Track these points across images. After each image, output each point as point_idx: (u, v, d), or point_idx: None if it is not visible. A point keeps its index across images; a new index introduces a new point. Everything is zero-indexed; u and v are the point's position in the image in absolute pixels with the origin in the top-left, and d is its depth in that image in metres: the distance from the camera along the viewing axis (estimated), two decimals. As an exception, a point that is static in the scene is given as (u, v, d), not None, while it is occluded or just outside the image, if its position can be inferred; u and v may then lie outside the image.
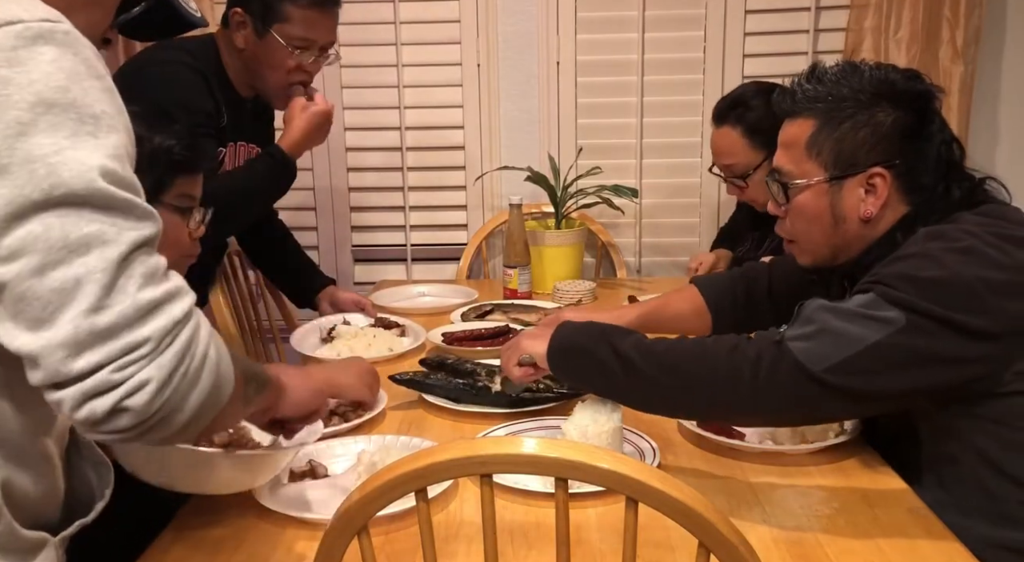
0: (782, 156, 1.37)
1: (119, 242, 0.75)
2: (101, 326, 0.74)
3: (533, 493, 1.25)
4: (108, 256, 0.75)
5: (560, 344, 1.34)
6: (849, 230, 1.33)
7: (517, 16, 2.75)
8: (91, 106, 0.77)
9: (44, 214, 0.73)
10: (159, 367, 0.76)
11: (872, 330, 1.14)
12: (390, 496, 0.88)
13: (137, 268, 0.76)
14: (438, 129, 2.83)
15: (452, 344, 1.91)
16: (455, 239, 2.90)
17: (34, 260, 0.73)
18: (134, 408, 0.76)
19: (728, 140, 2.10)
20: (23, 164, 0.73)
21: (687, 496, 0.83)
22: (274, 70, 2.00)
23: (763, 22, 2.70)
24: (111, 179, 0.76)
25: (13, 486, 0.86)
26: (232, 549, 1.16)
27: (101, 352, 0.74)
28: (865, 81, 1.30)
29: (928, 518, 1.20)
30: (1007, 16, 2.67)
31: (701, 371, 1.21)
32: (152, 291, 0.77)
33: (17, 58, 0.74)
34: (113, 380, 0.75)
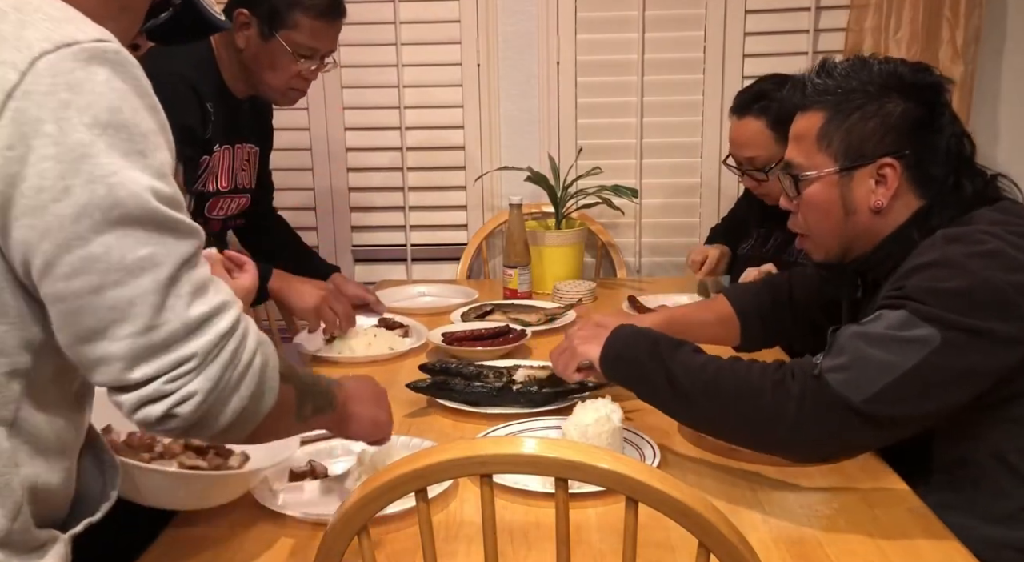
0: (793, 149, 1.38)
1: (168, 263, 0.81)
2: (155, 342, 0.81)
3: (533, 493, 1.26)
4: (159, 277, 0.80)
5: (613, 352, 1.37)
6: (860, 222, 1.32)
7: (517, 16, 2.75)
8: (139, 125, 0.81)
9: (104, 235, 0.78)
10: (206, 379, 0.83)
11: (907, 354, 1.14)
12: (390, 496, 0.88)
13: (184, 286, 0.82)
14: (438, 129, 2.83)
15: (452, 344, 1.91)
16: (455, 239, 2.90)
17: (93, 280, 0.78)
18: (182, 415, 0.83)
19: (751, 131, 2.06)
20: (86, 185, 0.77)
21: (687, 496, 0.83)
22: (275, 73, 1.99)
23: (763, 22, 2.70)
24: (160, 198, 0.81)
25: (38, 484, 0.88)
26: (232, 549, 1.16)
27: (154, 365, 0.81)
28: (874, 74, 1.31)
29: (928, 518, 1.20)
30: (1007, 16, 2.67)
31: (747, 406, 1.22)
32: (200, 307, 0.83)
33: (76, 81, 0.77)
34: (165, 390, 0.82)
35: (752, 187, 2.16)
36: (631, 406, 1.57)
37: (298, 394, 0.99)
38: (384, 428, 1.26)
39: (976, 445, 1.24)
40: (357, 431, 1.21)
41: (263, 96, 2.10)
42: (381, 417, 1.25)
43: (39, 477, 0.88)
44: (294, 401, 0.98)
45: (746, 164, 2.11)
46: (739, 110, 2.10)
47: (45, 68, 0.77)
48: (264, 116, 2.26)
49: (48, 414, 0.88)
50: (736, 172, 2.17)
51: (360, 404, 1.19)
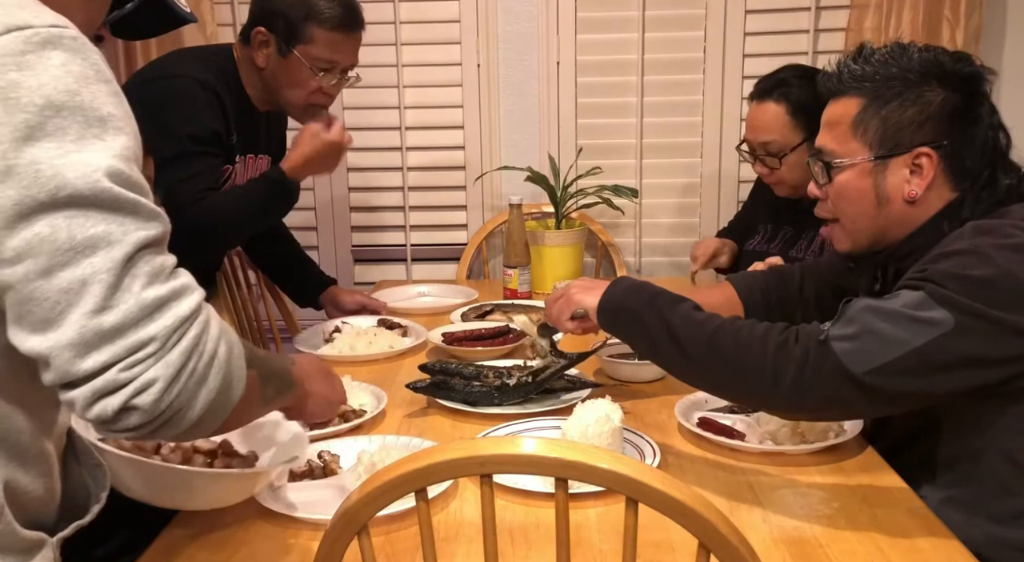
0: (825, 135, 1.35)
1: (124, 242, 0.76)
2: (106, 326, 0.75)
3: (533, 493, 1.25)
4: (114, 256, 0.76)
5: (611, 302, 1.37)
6: (892, 212, 1.30)
7: (517, 16, 2.75)
8: (98, 109, 0.78)
9: (50, 216, 0.74)
10: (166, 366, 0.78)
11: (917, 333, 1.13)
12: (390, 496, 0.88)
13: (143, 267, 0.78)
14: (438, 129, 2.83)
15: (452, 344, 1.91)
16: (455, 239, 2.90)
17: (40, 262, 0.74)
18: (142, 407, 0.77)
19: (770, 115, 2.05)
20: (29, 166, 0.74)
21: (687, 496, 0.83)
22: (294, 89, 2.00)
23: (763, 22, 2.70)
24: (117, 179, 0.77)
25: (15, 486, 0.86)
26: (232, 549, 1.16)
27: (108, 352, 0.76)
28: (914, 61, 1.28)
29: (928, 518, 1.20)
30: (1007, 16, 2.67)
31: (747, 364, 1.21)
32: (157, 289, 0.78)
33: (26, 62, 0.75)
34: (120, 379, 0.76)
35: (764, 175, 2.13)
36: (631, 406, 1.57)
37: (261, 378, 0.95)
38: (334, 407, 1.25)
39: (983, 442, 1.24)
40: (313, 410, 1.19)
41: (285, 112, 2.11)
42: (332, 396, 1.24)
43: (16, 479, 0.86)
44: (258, 386, 0.94)
45: (760, 150, 2.08)
46: (759, 95, 2.08)
47: None
48: (280, 129, 2.27)
49: (21, 415, 0.85)
50: (749, 159, 2.15)
51: (313, 382, 1.18)
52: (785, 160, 2.05)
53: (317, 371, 1.23)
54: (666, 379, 1.72)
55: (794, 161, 2.04)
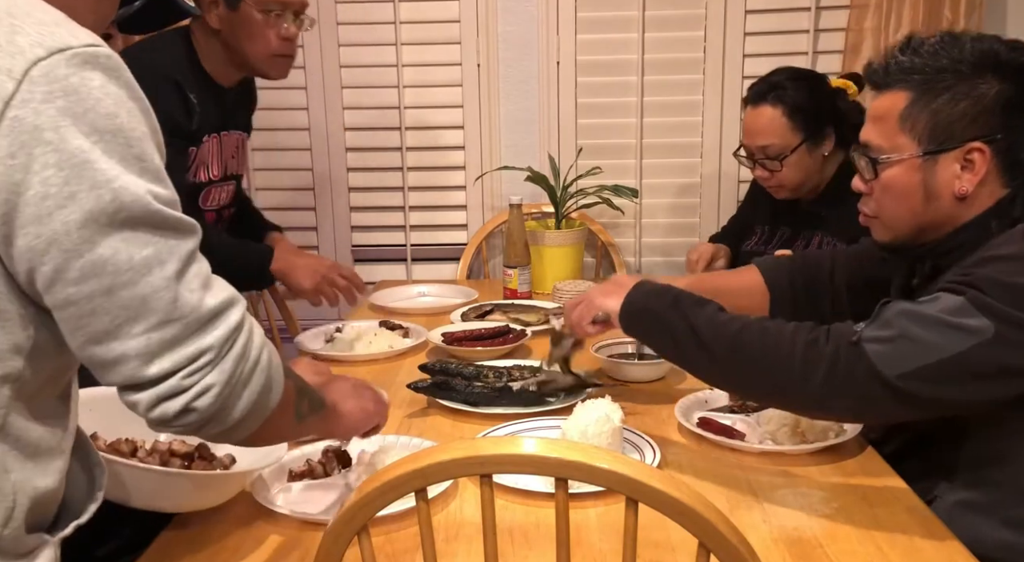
0: (871, 130, 1.31)
1: (174, 259, 0.83)
2: (171, 336, 0.82)
3: (533, 493, 1.25)
4: (167, 274, 0.82)
5: (634, 305, 1.35)
6: (941, 208, 1.26)
7: (517, 16, 2.75)
8: (135, 130, 0.82)
9: (110, 238, 0.79)
10: (221, 372, 0.85)
11: (955, 340, 1.11)
12: (390, 496, 0.88)
13: (193, 280, 0.84)
14: (438, 129, 2.83)
15: (452, 344, 1.91)
16: (455, 239, 2.90)
17: (104, 281, 0.79)
18: (200, 409, 0.84)
19: (767, 118, 2.05)
20: (90, 191, 0.78)
21: (687, 496, 0.83)
22: (255, 41, 1.99)
23: (763, 22, 2.70)
24: (161, 199, 0.82)
25: (29, 488, 0.87)
26: (232, 549, 1.16)
27: (171, 360, 0.82)
28: (966, 52, 1.23)
29: (928, 518, 1.20)
30: (1007, 16, 2.67)
31: (775, 362, 1.20)
32: (212, 299, 0.85)
33: (71, 87, 0.78)
34: (184, 385, 0.83)
35: (763, 178, 2.12)
36: (631, 406, 1.57)
37: (297, 390, 1.00)
38: (374, 415, 1.24)
39: (1009, 447, 1.22)
40: (348, 426, 1.20)
41: (254, 73, 2.10)
42: (368, 406, 1.24)
43: (30, 481, 0.87)
44: (293, 397, 0.98)
45: (759, 154, 2.08)
46: (755, 99, 2.08)
47: (40, 75, 0.77)
48: (246, 104, 2.27)
49: (38, 418, 0.87)
50: (747, 164, 2.15)
51: (345, 401, 1.19)
52: (786, 162, 2.05)
53: (347, 389, 1.24)
54: (666, 379, 1.72)
55: (794, 162, 2.04)
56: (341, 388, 1.22)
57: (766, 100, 2.05)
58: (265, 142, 2.85)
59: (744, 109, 2.14)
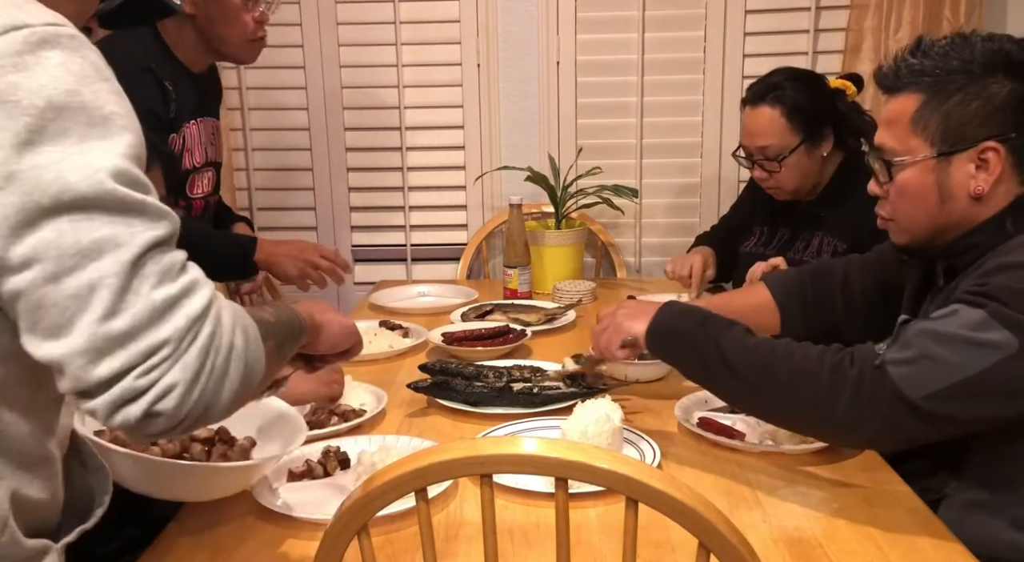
0: (884, 133, 1.31)
1: (132, 244, 0.74)
2: (116, 331, 0.73)
3: (533, 493, 1.25)
4: (122, 259, 0.74)
5: (661, 327, 1.35)
6: (956, 208, 1.26)
7: (517, 16, 2.75)
8: (100, 108, 0.76)
9: (56, 220, 0.72)
10: (184, 368, 0.75)
11: (977, 358, 1.10)
12: (390, 496, 0.88)
13: (152, 268, 0.75)
14: (438, 129, 2.83)
15: (452, 344, 1.91)
16: (455, 239, 2.90)
17: (48, 267, 0.73)
18: (165, 412, 0.75)
19: (766, 119, 2.04)
20: (31, 171, 0.72)
21: (687, 496, 0.83)
22: (231, 26, 1.98)
23: (763, 22, 2.70)
24: (122, 179, 0.75)
25: (21, 495, 0.85)
26: (232, 549, 1.16)
27: (121, 358, 0.74)
28: (976, 52, 1.23)
29: (928, 518, 1.20)
30: (1007, 16, 2.67)
31: (801, 387, 1.20)
32: (167, 289, 0.76)
33: (24, 63, 0.73)
34: (139, 386, 0.74)
35: (762, 179, 2.12)
36: (631, 406, 1.57)
37: (278, 345, 0.93)
38: (354, 333, 1.18)
39: (1019, 447, 1.21)
40: (328, 338, 1.13)
41: (227, 59, 2.10)
42: (347, 321, 1.17)
43: (22, 488, 0.85)
44: (276, 353, 0.92)
45: (758, 154, 2.08)
46: (753, 99, 2.08)
47: None
48: (217, 90, 2.27)
49: (24, 422, 0.84)
50: (746, 164, 2.14)
51: (324, 312, 1.13)
52: (784, 163, 2.04)
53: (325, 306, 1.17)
54: (666, 379, 1.72)
55: (793, 163, 2.04)
56: (316, 304, 1.15)
57: (765, 101, 2.05)
58: (265, 142, 2.86)
59: (743, 110, 2.14)
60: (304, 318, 1.05)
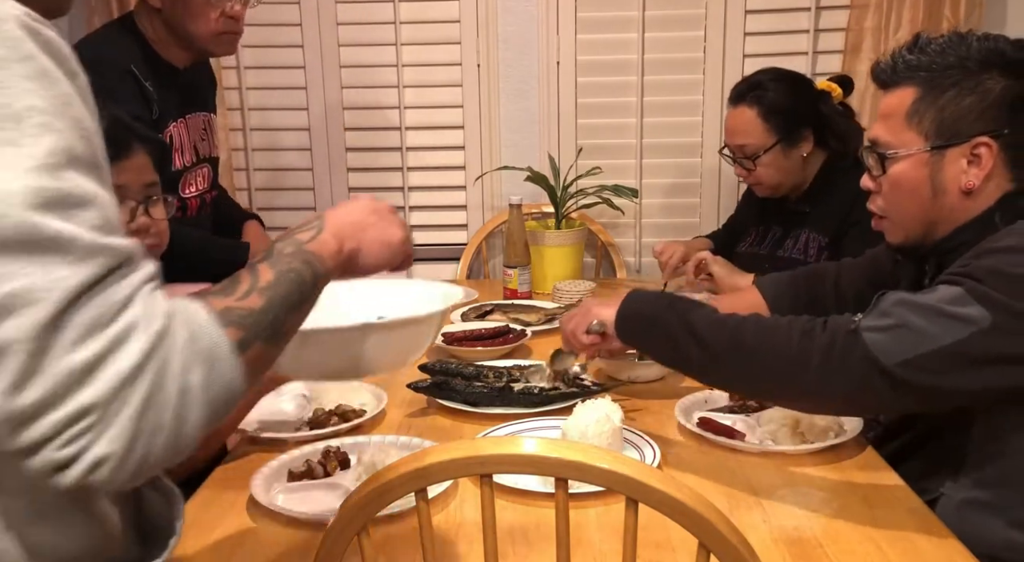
0: (879, 127, 1.33)
1: (50, 299, 0.59)
2: (26, 403, 0.60)
3: (533, 493, 1.25)
4: (36, 318, 0.59)
5: (629, 311, 1.36)
6: (947, 203, 1.27)
7: (517, 16, 2.75)
8: (9, 104, 0.60)
9: None
10: (112, 441, 0.62)
11: (951, 329, 1.12)
12: (390, 496, 0.88)
13: (77, 319, 0.61)
14: (438, 129, 2.83)
15: (452, 344, 1.91)
16: (455, 239, 2.90)
17: None
18: (106, 480, 0.63)
19: (743, 119, 2.10)
20: None
21: (687, 496, 0.83)
22: (196, 21, 1.95)
23: (763, 22, 2.70)
24: (43, 202, 0.60)
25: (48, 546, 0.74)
26: (232, 549, 1.16)
27: (37, 430, 0.61)
28: (973, 50, 1.25)
29: (928, 518, 1.20)
30: (1007, 16, 2.67)
31: (770, 352, 1.21)
32: (91, 346, 0.61)
33: None
34: (61, 458, 0.61)
35: (742, 176, 2.18)
36: (631, 406, 1.57)
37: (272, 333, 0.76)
38: (398, 245, 1.00)
39: (1013, 444, 1.22)
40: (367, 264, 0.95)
41: (199, 53, 2.06)
42: (386, 235, 0.98)
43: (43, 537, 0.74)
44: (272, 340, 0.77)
45: (737, 152, 2.14)
46: (735, 99, 2.14)
47: None
48: (209, 81, 2.25)
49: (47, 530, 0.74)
50: (729, 161, 2.20)
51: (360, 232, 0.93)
52: (759, 161, 2.10)
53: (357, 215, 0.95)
54: (666, 379, 1.72)
55: (768, 162, 2.09)
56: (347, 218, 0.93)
57: (745, 100, 2.10)
58: (265, 142, 2.85)
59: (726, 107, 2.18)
60: (323, 257, 0.86)
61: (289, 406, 1.60)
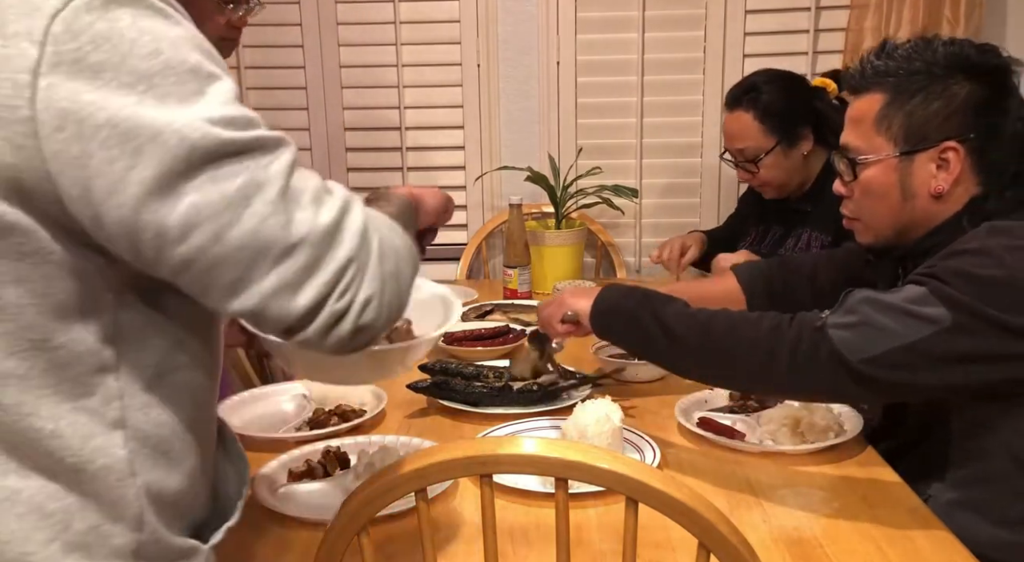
0: (850, 133, 1.34)
1: (271, 179, 0.74)
2: (301, 264, 0.74)
3: (533, 493, 1.25)
4: (269, 197, 0.73)
5: (604, 305, 1.39)
6: (918, 207, 1.29)
7: (517, 16, 2.75)
8: (184, 61, 0.73)
9: (194, 180, 0.71)
10: (371, 280, 0.78)
11: (913, 328, 1.14)
12: (390, 496, 0.88)
13: (301, 195, 0.75)
14: (438, 129, 2.83)
15: (452, 344, 1.91)
16: (455, 239, 2.90)
17: (208, 229, 0.72)
18: (373, 324, 0.79)
19: (741, 123, 2.10)
20: (154, 140, 0.70)
21: (687, 496, 0.83)
22: (203, 25, 1.93)
23: (763, 22, 2.70)
24: (233, 125, 0.74)
25: (160, 492, 0.82)
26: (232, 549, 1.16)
27: (315, 286, 0.75)
28: (939, 55, 1.26)
29: (928, 518, 1.20)
30: (1007, 16, 2.67)
31: (740, 347, 1.24)
32: (328, 212, 0.76)
33: (100, 35, 0.69)
34: (340, 308, 0.77)
35: (746, 179, 2.18)
36: (631, 406, 1.57)
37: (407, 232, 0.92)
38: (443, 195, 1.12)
39: (992, 443, 1.23)
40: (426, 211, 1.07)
41: None
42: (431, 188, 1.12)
43: (160, 483, 0.81)
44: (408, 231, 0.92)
45: (737, 156, 2.14)
46: (730, 103, 2.15)
47: (62, 31, 0.68)
48: None
49: (159, 407, 0.81)
50: (731, 165, 2.21)
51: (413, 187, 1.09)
52: (761, 164, 2.10)
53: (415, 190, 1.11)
54: (666, 379, 1.72)
55: (770, 163, 2.09)
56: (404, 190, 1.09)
57: (740, 104, 2.11)
58: (265, 142, 2.85)
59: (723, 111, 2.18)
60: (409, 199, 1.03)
61: (289, 406, 1.60)
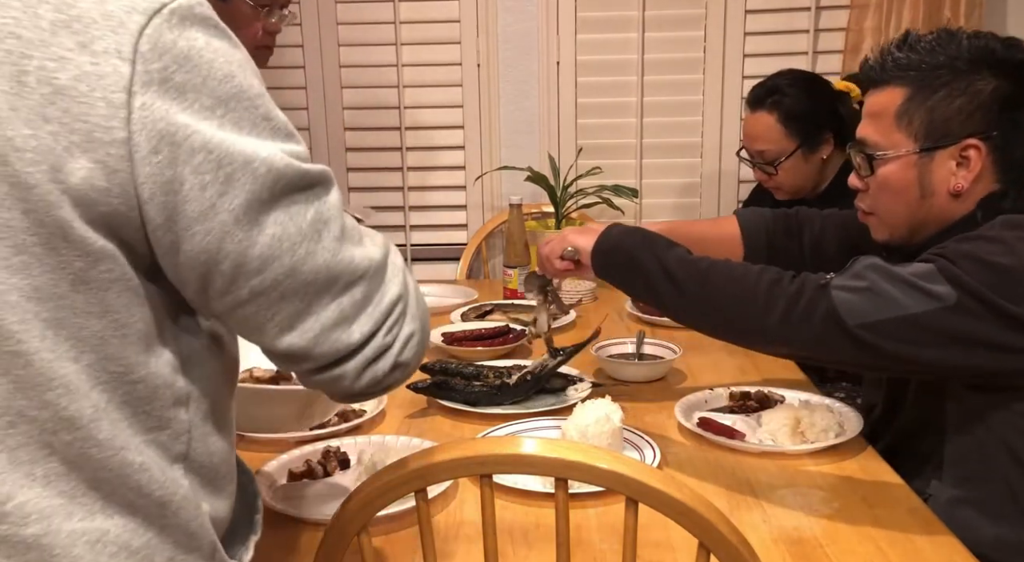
0: (868, 126, 1.31)
1: (331, 215, 0.75)
2: (360, 298, 0.77)
3: (533, 493, 1.25)
4: (334, 234, 0.75)
5: (606, 244, 1.38)
6: (935, 205, 1.27)
7: (517, 16, 2.75)
8: (252, 85, 0.72)
9: (274, 213, 0.71)
10: (413, 318, 0.81)
11: (917, 301, 1.14)
12: (390, 496, 0.88)
13: (353, 231, 0.78)
14: (438, 129, 2.83)
15: (452, 344, 1.91)
16: (455, 239, 2.90)
17: (285, 262, 0.72)
18: (408, 362, 0.81)
19: (763, 125, 2.08)
20: (245, 167, 0.69)
21: (687, 496, 0.83)
22: (241, 32, 1.95)
23: (763, 22, 2.70)
24: (299, 158, 0.74)
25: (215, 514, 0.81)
26: (232, 549, 1.16)
27: (369, 319, 0.78)
28: (963, 49, 1.23)
29: (928, 518, 1.20)
30: (1007, 16, 2.67)
31: (739, 295, 1.23)
32: (377, 248, 0.79)
33: (183, 55, 0.68)
34: (387, 343, 0.79)
35: (763, 180, 2.17)
36: (631, 406, 1.57)
37: None
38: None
39: (988, 439, 1.23)
40: None
41: None
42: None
43: (215, 510, 0.81)
44: None
45: (756, 157, 2.12)
46: (753, 104, 2.11)
47: (149, 49, 0.67)
48: None
49: (215, 436, 0.80)
50: (748, 164, 2.19)
51: None
52: (780, 167, 2.09)
53: None
54: (666, 379, 1.72)
55: (789, 167, 2.08)
56: None
57: (763, 105, 2.08)
58: (265, 142, 2.85)
59: (744, 111, 2.16)
60: None
61: (289, 406, 1.60)
